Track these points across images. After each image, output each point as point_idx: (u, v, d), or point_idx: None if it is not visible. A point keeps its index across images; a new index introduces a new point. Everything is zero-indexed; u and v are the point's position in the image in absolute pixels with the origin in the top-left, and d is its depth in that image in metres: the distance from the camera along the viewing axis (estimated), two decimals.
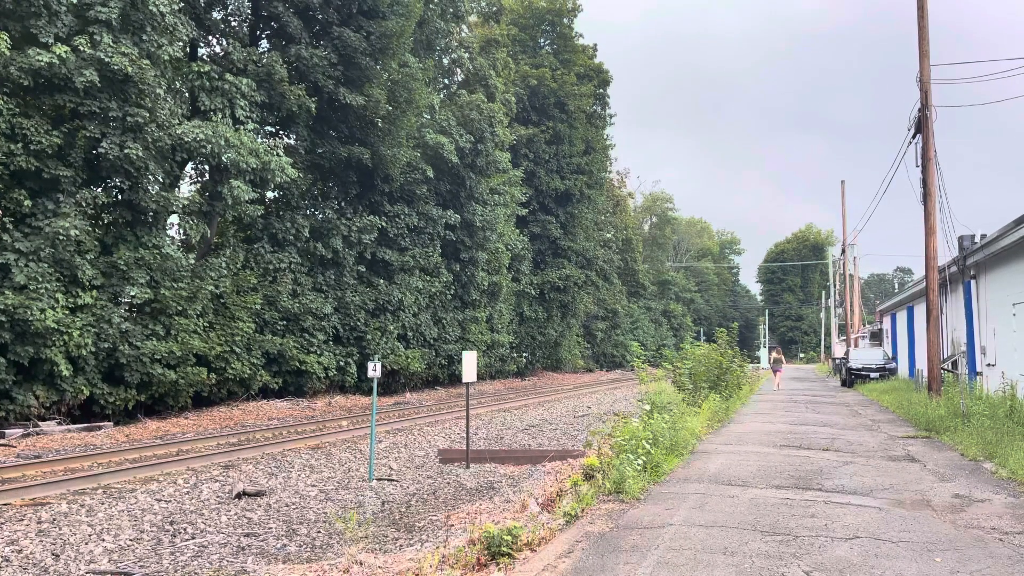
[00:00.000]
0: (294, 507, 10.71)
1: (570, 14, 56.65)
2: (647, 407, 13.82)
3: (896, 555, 6.42)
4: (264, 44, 29.02)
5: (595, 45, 59.33)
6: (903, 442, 14.04)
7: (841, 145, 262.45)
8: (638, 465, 9.52)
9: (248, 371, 23.93)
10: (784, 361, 36.50)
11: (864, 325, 57.44)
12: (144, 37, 20.07)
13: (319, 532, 9.39)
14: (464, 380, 14.11)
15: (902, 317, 36.80)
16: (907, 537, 7.02)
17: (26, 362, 17.34)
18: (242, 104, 23.70)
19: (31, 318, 16.95)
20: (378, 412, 22.72)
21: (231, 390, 23.99)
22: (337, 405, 26.98)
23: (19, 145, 17.74)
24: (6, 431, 16.71)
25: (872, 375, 33.25)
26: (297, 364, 26.33)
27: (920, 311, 27.64)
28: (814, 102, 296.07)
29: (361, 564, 6.87)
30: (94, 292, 19.11)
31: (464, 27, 41.95)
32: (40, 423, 17.84)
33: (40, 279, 17.68)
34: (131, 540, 8.85)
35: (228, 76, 23.43)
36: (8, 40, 17.11)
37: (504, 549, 6.46)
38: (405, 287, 32.66)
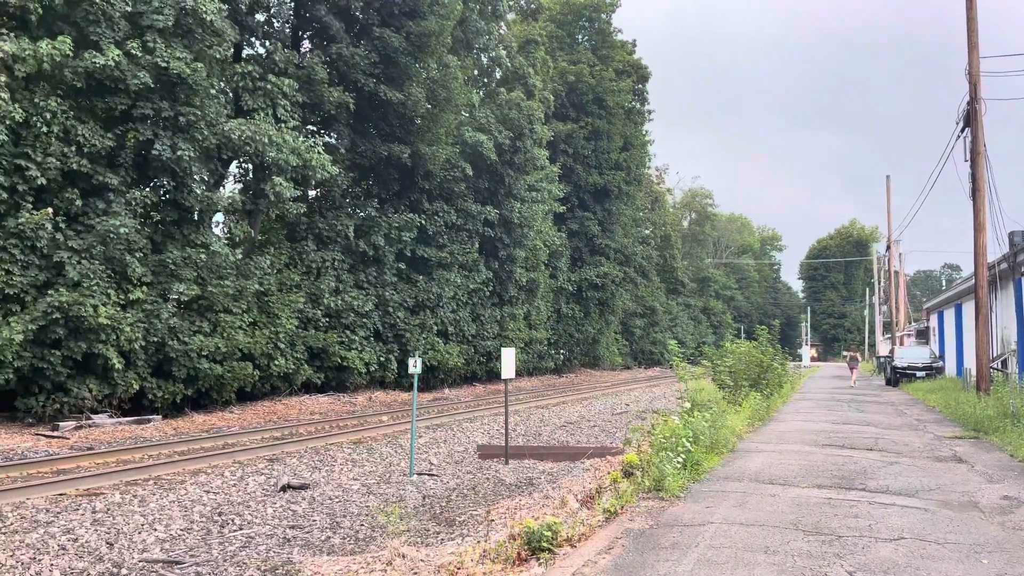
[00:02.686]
0: (337, 500, 10.92)
1: (608, 9, 56.28)
2: (687, 405, 13.79)
3: (942, 556, 6.34)
4: (306, 44, 29.45)
5: (634, 41, 59.00)
6: (950, 442, 13.76)
7: (879, 141, 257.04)
8: (678, 463, 9.50)
9: (291, 367, 24.37)
10: (860, 359, 38.60)
11: (910, 323, 56.21)
12: (196, 38, 20.58)
13: (362, 525, 9.56)
14: (503, 376, 14.23)
15: (950, 315, 35.96)
16: (953, 538, 6.92)
17: (80, 356, 17.91)
18: (284, 104, 24.11)
19: (84, 314, 17.49)
20: (417, 407, 22.94)
21: (274, 385, 24.45)
22: (377, 400, 27.33)
23: (73, 148, 18.33)
24: (60, 424, 17.29)
25: (918, 374, 32.55)
26: (339, 360, 26.72)
27: (969, 309, 26.97)
28: (846, 97, 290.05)
29: (404, 557, 7.00)
30: (144, 289, 19.64)
31: (503, 25, 42.02)
32: (92, 415, 18.41)
33: (92, 276, 18.23)
34: (182, 530, 9.13)
35: (271, 77, 23.84)
36: (71, 42, 17.71)
37: (544, 544, 6.52)
38: (444, 284, 32.90)
